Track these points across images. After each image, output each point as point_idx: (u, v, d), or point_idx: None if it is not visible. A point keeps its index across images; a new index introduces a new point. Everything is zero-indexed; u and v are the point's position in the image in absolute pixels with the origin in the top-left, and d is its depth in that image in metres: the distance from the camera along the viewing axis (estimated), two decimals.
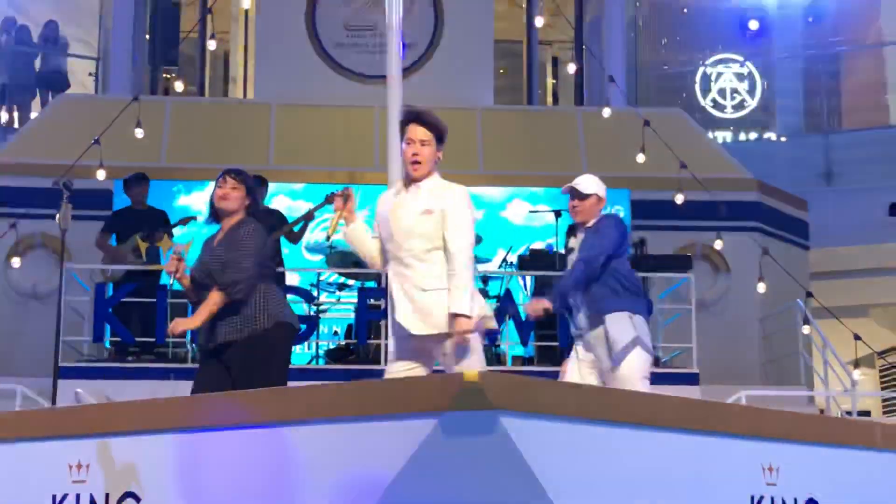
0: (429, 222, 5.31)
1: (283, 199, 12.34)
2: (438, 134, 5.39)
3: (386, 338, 9.40)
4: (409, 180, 5.42)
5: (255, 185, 6.36)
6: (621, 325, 6.13)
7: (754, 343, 12.55)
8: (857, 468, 4.94)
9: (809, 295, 11.62)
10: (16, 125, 14.99)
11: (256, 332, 5.78)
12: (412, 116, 5.42)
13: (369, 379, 5.53)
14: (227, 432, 4.22)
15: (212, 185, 6.06)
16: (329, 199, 10.46)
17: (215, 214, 6.04)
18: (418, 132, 5.36)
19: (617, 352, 6.10)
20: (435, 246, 5.30)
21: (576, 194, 6.32)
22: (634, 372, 6.10)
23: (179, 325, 5.90)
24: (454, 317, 5.17)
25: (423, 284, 5.28)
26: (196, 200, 11.99)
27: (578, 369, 6.22)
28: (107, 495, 4.47)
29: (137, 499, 4.40)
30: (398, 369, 5.38)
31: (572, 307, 6.29)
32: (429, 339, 5.29)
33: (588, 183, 6.37)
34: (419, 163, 5.35)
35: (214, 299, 5.75)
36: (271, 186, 10.85)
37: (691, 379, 10.25)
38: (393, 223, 5.41)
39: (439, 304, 5.24)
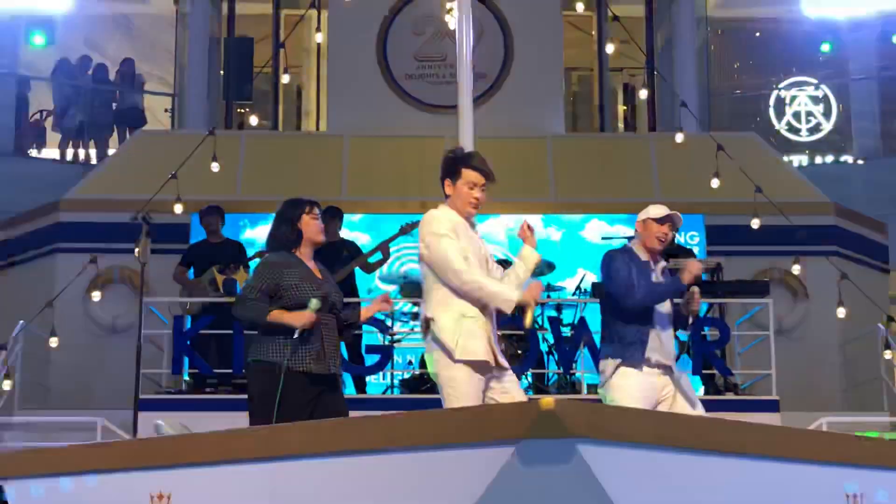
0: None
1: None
2: (489, 181, 5.71)
3: None
4: (465, 217, 5.69)
5: (331, 217, 6.44)
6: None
7: (834, 369, 12.37)
8: None
9: (891, 319, 11.41)
10: (93, 161, 15.26)
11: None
12: (474, 162, 5.70)
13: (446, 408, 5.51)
14: (306, 461, 4.24)
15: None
16: (403, 230, 10.55)
17: (296, 242, 6.01)
18: (480, 178, 5.67)
19: (698, 406, 6.19)
20: None
21: (674, 225, 6.35)
22: None
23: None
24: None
25: None
26: (263, 233, 12.15)
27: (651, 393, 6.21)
28: None
29: None
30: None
31: (653, 336, 6.23)
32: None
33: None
34: (478, 207, 5.71)
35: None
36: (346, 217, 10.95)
37: (771, 406, 10.10)
38: (472, 249, 5.61)
39: None
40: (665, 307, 6.26)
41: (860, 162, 16.43)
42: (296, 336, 5.70)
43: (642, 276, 6.19)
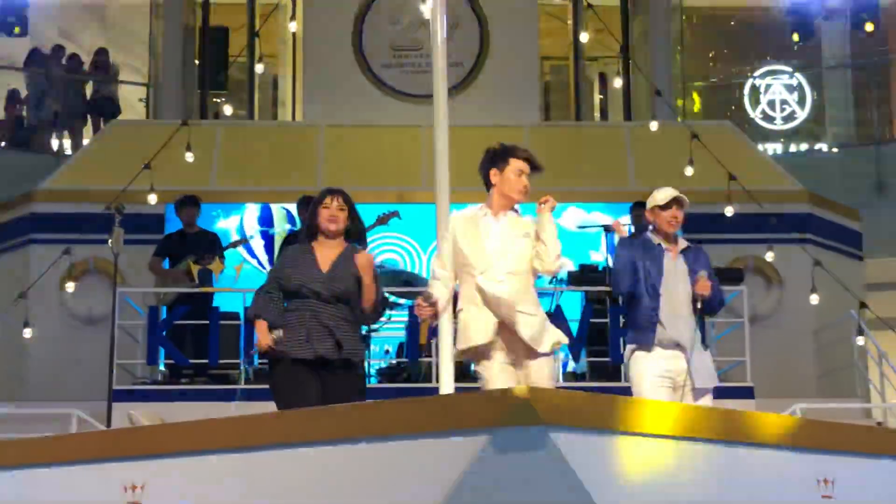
0: (525, 243, 5.85)
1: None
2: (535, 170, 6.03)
3: (436, 356, 9.41)
4: (506, 207, 5.95)
5: (304, 207, 6.55)
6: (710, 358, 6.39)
7: (808, 356, 12.43)
8: None
9: (864, 306, 11.48)
10: (68, 152, 15.17)
11: (360, 358, 6.20)
12: (523, 153, 6.05)
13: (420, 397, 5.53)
14: (281, 451, 4.24)
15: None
16: (381, 220, 10.55)
17: (312, 232, 6.15)
18: (526, 166, 6.00)
19: (706, 381, 6.27)
20: (526, 267, 5.83)
21: (680, 205, 6.46)
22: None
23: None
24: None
25: (520, 307, 5.71)
26: (234, 224, 12.17)
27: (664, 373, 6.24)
28: None
29: None
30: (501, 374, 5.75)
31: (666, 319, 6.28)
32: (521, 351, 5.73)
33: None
34: (526, 193, 5.96)
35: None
36: None
37: (746, 393, 10.17)
38: (485, 242, 5.82)
39: (531, 324, 5.72)
40: (679, 289, 6.29)
41: (834, 150, 16.50)
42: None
43: (650, 265, 6.29)
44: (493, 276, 5.72)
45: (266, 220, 12.35)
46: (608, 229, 10.81)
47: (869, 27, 16.27)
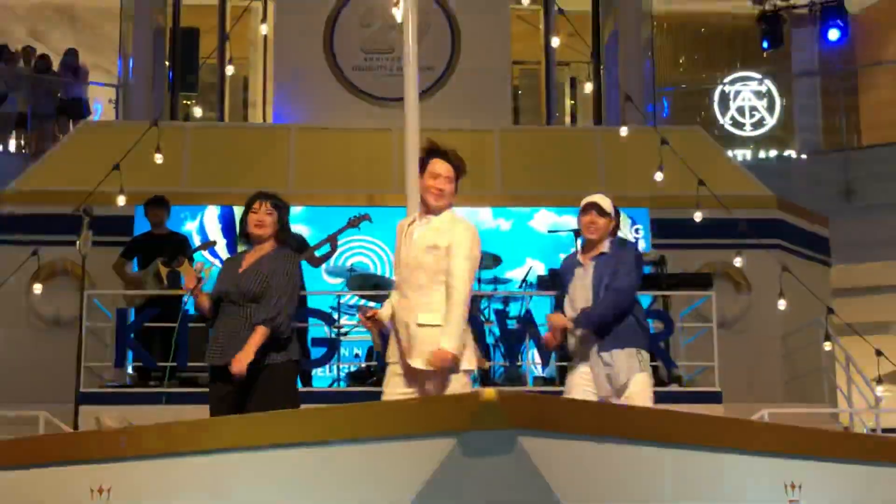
0: (433, 257, 5.49)
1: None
2: (459, 172, 5.63)
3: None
4: (426, 211, 5.63)
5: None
6: (631, 362, 6.13)
7: (776, 361, 12.49)
8: (881, 485, 4.91)
9: (831, 311, 11.56)
10: (35, 152, 15.07)
11: (280, 363, 6.01)
12: (437, 152, 5.64)
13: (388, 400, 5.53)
14: (247, 454, 4.22)
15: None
16: (352, 223, 10.54)
17: (246, 237, 6.14)
18: (444, 168, 5.59)
19: (621, 386, 6.10)
20: (436, 281, 5.47)
21: (598, 210, 6.29)
22: (647, 385, 6.20)
23: (240, 363, 5.88)
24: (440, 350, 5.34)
25: (420, 319, 5.47)
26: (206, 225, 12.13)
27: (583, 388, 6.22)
28: None
29: None
30: (394, 392, 5.57)
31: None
32: (420, 372, 5.47)
33: (608, 203, 6.37)
34: (442, 196, 5.57)
35: (262, 333, 5.91)
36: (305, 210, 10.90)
37: (714, 398, 10.20)
38: (403, 253, 5.62)
39: (433, 339, 5.40)
40: (578, 300, 6.25)
41: (803, 157, 16.62)
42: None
43: (568, 279, 6.31)
44: (403, 290, 5.59)
45: (228, 221, 12.28)
46: (578, 233, 10.82)
47: (833, 35, 16.39)
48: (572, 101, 18.32)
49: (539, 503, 3.73)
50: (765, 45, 16.54)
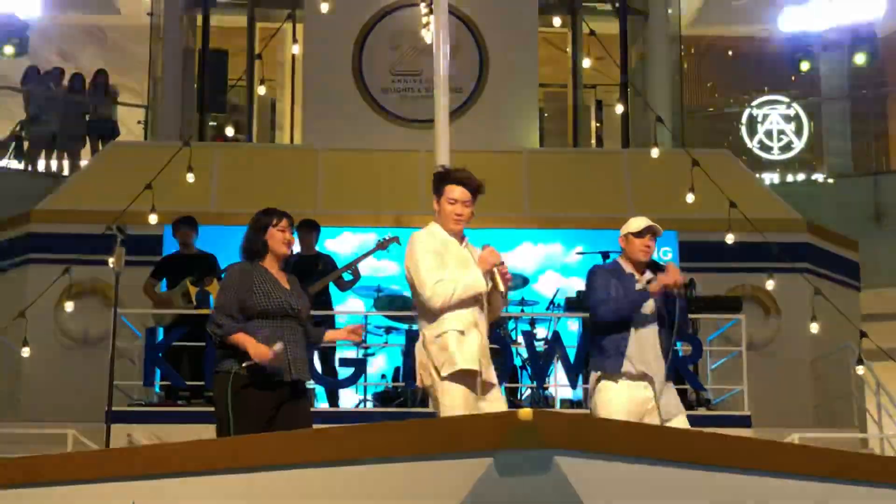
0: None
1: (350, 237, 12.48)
2: (476, 194, 5.72)
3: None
4: (451, 234, 5.71)
5: (309, 230, 6.51)
6: (595, 385, 6.29)
7: (806, 385, 12.42)
8: None
9: (863, 335, 11.47)
10: (66, 173, 15.18)
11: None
12: (455, 178, 5.71)
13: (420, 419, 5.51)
14: (280, 472, 4.21)
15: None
16: (381, 245, 10.54)
17: (256, 254, 6.05)
18: (461, 193, 5.67)
19: (672, 412, 6.20)
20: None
21: (658, 234, 6.38)
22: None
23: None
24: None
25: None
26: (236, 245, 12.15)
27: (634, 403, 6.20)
28: None
29: None
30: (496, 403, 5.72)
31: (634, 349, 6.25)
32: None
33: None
34: (461, 221, 5.68)
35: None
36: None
37: (743, 421, 10.14)
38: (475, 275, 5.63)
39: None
40: (646, 317, 6.26)
41: (830, 181, 16.55)
42: (248, 364, 5.77)
43: (624, 290, 6.23)
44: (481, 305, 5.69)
45: None
46: (606, 255, 10.80)
47: (860, 59, 16.34)
48: (598, 124, 18.30)
49: None
50: (804, 65, 16.43)
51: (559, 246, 12.78)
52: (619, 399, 6.15)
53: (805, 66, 16.35)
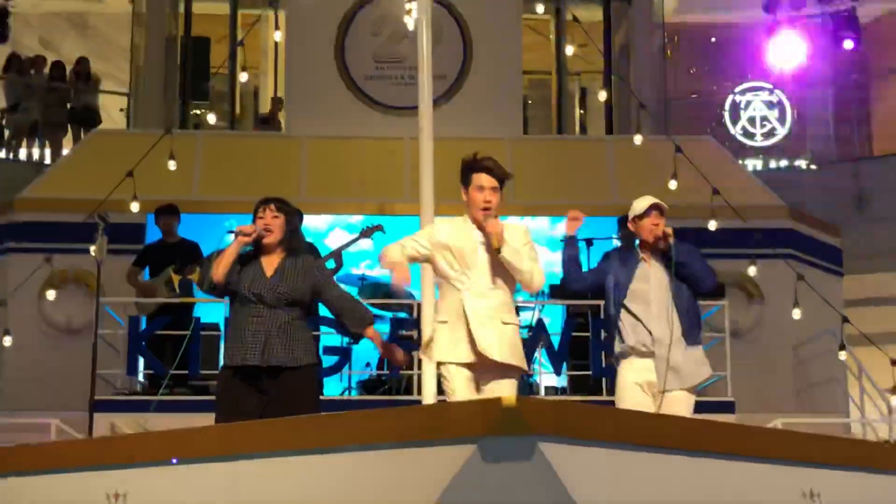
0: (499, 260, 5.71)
1: (340, 232, 12.46)
2: (503, 182, 5.80)
3: (419, 368, 9.40)
4: (473, 222, 5.79)
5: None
6: (704, 360, 6.29)
7: (789, 371, 12.46)
8: None
9: (846, 321, 11.52)
10: (47, 161, 15.11)
11: (310, 364, 6.02)
12: (483, 166, 5.78)
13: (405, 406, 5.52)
14: (265, 460, 4.21)
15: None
16: (365, 233, 10.52)
17: (254, 245, 6.11)
18: (488, 180, 5.75)
19: (690, 384, 6.20)
20: (508, 282, 5.74)
21: (664, 211, 6.42)
22: (691, 408, 6.22)
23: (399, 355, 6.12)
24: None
25: (505, 318, 5.68)
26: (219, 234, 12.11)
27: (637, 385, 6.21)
28: None
29: None
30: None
31: (635, 319, 6.24)
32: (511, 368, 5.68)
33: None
34: (490, 208, 5.72)
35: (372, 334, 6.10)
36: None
37: (727, 407, 10.18)
38: (474, 259, 5.71)
39: (515, 336, 5.72)
40: (650, 289, 6.25)
41: (813, 167, 16.59)
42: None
43: (622, 276, 6.26)
44: (481, 291, 5.70)
45: None
46: (590, 243, 10.81)
47: (847, 44, 16.34)
48: (581, 112, 18.30)
49: None
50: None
51: (545, 220, 12.81)
52: (629, 378, 6.23)
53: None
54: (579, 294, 10.90)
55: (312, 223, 11.21)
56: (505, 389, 5.59)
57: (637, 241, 6.50)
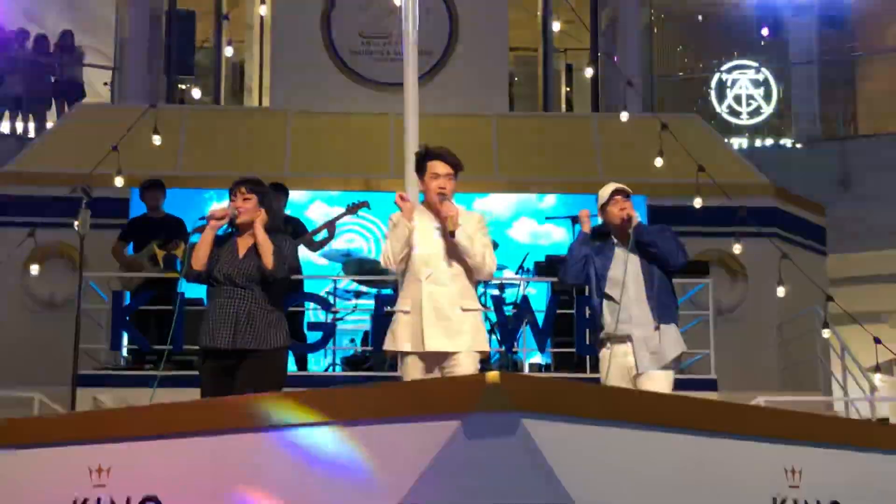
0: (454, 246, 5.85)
1: (320, 206, 12.43)
2: (457, 169, 5.97)
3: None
4: (429, 209, 5.97)
5: (276, 194, 6.59)
6: (677, 336, 6.37)
7: (772, 349, 12.50)
8: (879, 471, 4.91)
9: (830, 299, 11.54)
10: (31, 135, 15.03)
11: (277, 348, 6.08)
12: (436, 154, 5.94)
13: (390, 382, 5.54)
14: (248, 435, 4.21)
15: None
16: (350, 210, 10.51)
17: (233, 225, 6.16)
18: (443, 168, 5.91)
19: (665, 362, 6.28)
20: (465, 268, 5.89)
21: (628, 194, 6.49)
22: (670, 385, 6.29)
23: None
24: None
25: (465, 304, 5.83)
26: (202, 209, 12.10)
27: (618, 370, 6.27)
28: (128, 499, 4.47)
29: (158, 502, 4.39)
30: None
31: (615, 304, 6.29)
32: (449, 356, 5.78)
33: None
34: (445, 195, 5.88)
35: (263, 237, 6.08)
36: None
37: (710, 385, 10.21)
38: (426, 247, 5.87)
39: (476, 321, 5.88)
40: (623, 271, 6.29)
41: (799, 146, 16.60)
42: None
43: (599, 265, 6.37)
44: (436, 279, 5.84)
45: None
46: (575, 220, 10.78)
47: (831, 24, 16.37)
48: (568, 89, 18.27)
49: (542, 486, 3.72)
50: (764, 32, 16.48)
51: (519, 222, 12.83)
52: (609, 365, 6.30)
53: (769, 32, 16.24)
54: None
55: (294, 197, 11.21)
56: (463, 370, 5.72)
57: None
